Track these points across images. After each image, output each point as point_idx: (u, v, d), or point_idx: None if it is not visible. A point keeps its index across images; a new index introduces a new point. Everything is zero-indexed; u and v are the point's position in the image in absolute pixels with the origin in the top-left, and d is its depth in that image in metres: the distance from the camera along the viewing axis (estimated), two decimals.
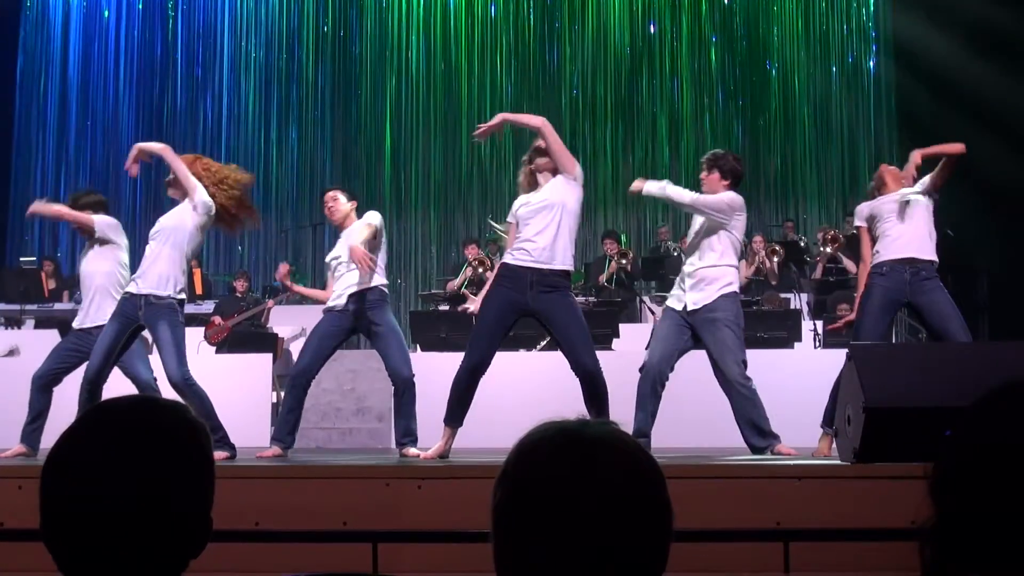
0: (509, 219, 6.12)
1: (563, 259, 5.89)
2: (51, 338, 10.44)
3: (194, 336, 10.11)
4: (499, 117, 6.19)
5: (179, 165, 6.22)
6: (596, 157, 16.18)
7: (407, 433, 6.35)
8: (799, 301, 11.72)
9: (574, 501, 1.31)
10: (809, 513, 4.21)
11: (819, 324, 10.40)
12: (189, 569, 1.51)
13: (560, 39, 16.87)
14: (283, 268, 7.60)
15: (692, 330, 6.21)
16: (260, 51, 17.09)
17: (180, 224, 6.20)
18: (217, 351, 10.83)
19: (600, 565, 1.30)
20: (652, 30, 16.84)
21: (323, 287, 7.20)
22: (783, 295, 11.71)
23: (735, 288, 6.27)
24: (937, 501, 1.34)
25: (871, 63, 16.44)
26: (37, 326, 11.71)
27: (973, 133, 12.29)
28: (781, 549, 4.05)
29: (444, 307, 12.00)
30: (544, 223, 5.87)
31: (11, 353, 10.69)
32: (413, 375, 6.40)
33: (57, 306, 12.35)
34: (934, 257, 6.12)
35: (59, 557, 1.46)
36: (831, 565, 4.07)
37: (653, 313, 11.40)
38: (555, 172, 5.98)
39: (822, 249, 12.10)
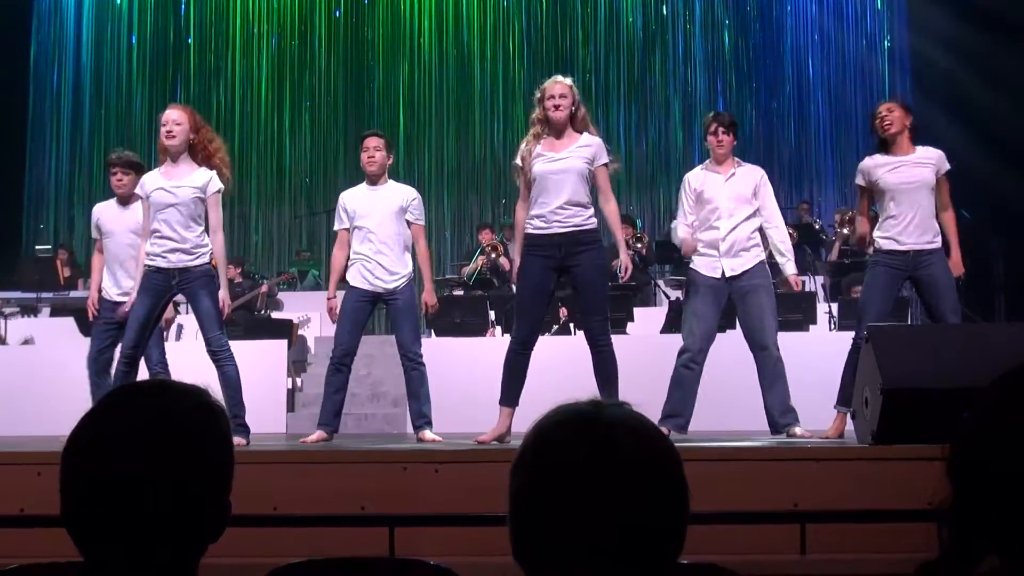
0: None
1: (584, 218, 5.89)
2: (67, 326, 10.51)
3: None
4: None
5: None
6: (609, 140, 16.00)
7: (420, 416, 6.34)
8: (814, 283, 11.68)
9: (591, 485, 1.31)
10: (826, 495, 4.20)
11: (834, 306, 10.37)
12: (208, 553, 1.52)
13: (573, 22, 16.83)
14: None
15: (728, 299, 6.20)
16: (272, 37, 17.09)
17: (202, 199, 6.09)
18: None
19: (617, 548, 1.30)
20: (665, 12, 16.78)
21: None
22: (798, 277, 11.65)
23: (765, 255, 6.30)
24: (954, 482, 1.34)
25: (886, 44, 16.36)
26: (53, 314, 11.76)
27: (988, 114, 12.23)
28: (798, 531, 4.05)
29: (458, 292, 12.01)
30: (560, 187, 5.86)
31: (26, 342, 10.74)
32: (421, 354, 6.40)
33: (72, 294, 12.39)
34: (939, 244, 5.99)
35: (80, 541, 1.46)
36: (848, 546, 4.06)
37: (668, 297, 11.38)
38: (571, 122, 5.96)
39: (839, 231, 12.05)
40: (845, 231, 11.83)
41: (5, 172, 15.65)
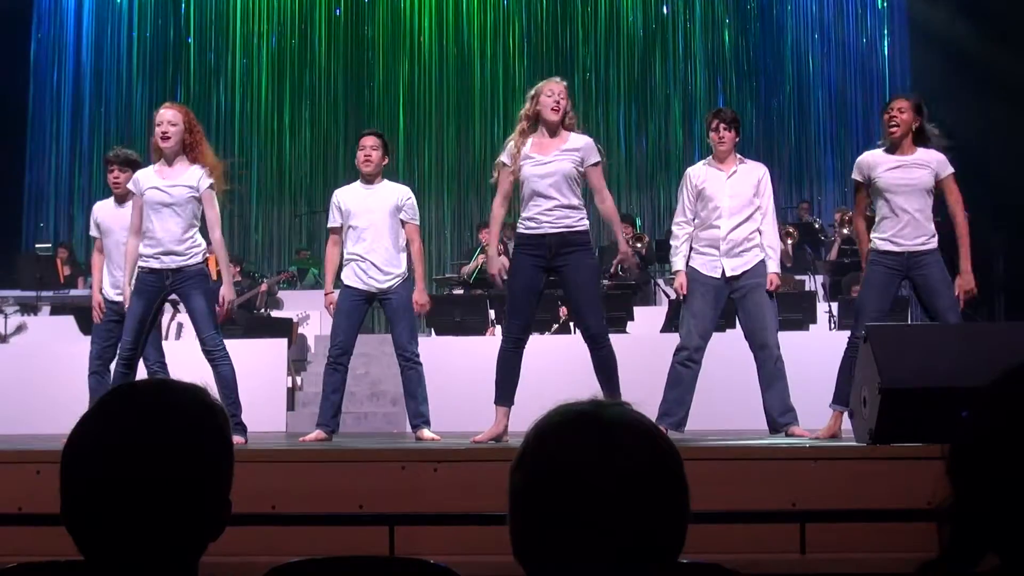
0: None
1: (574, 220, 5.85)
2: (67, 324, 10.50)
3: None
4: None
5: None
6: (609, 140, 16.13)
7: (417, 415, 6.33)
8: (814, 283, 11.69)
9: (592, 484, 1.31)
10: (825, 494, 4.20)
11: (834, 306, 10.37)
12: (208, 551, 1.51)
13: (573, 21, 16.82)
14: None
15: (728, 299, 6.18)
16: (272, 36, 17.08)
17: (190, 195, 6.05)
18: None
19: (618, 547, 1.30)
20: (665, 11, 16.78)
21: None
22: (798, 277, 11.67)
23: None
24: (954, 481, 1.34)
25: (885, 43, 16.36)
26: (53, 312, 11.75)
27: (988, 113, 12.23)
28: (797, 530, 4.05)
29: (458, 291, 12.00)
30: (549, 189, 5.83)
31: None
32: (417, 353, 6.40)
33: (72, 292, 12.39)
34: (933, 244, 5.91)
35: (80, 540, 1.46)
36: (847, 546, 4.06)
37: (668, 296, 11.38)
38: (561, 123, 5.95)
39: (839, 230, 12.05)
40: (845, 231, 11.82)
41: (5, 170, 15.64)
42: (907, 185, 5.92)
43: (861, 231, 6.18)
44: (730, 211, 6.20)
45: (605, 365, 5.79)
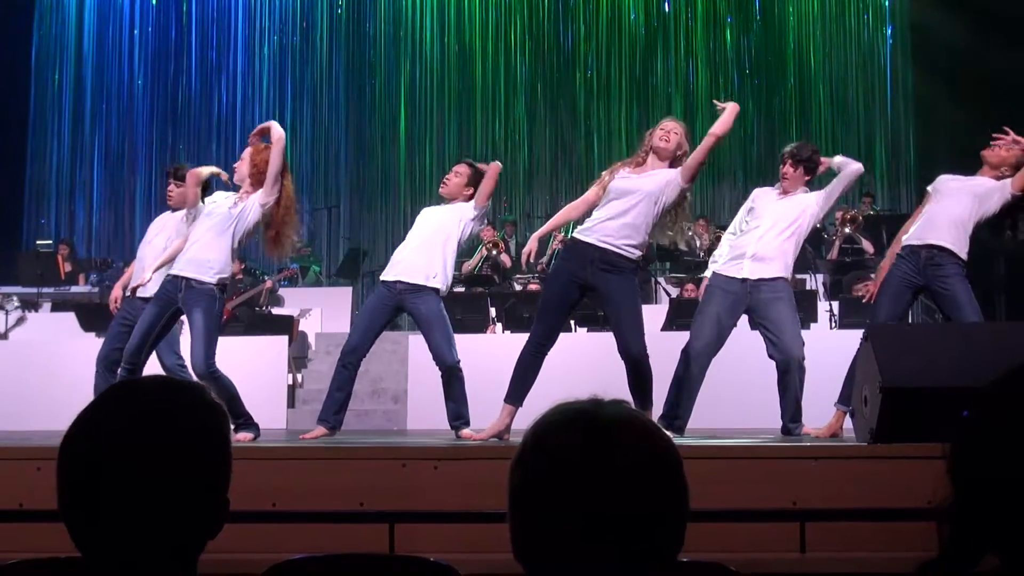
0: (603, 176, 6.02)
1: (627, 244, 5.73)
2: (67, 321, 10.51)
3: None
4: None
5: (278, 159, 6.09)
6: (611, 138, 16.14)
7: (457, 417, 6.26)
8: (815, 282, 11.67)
9: (591, 482, 1.31)
10: (826, 493, 4.20)
11: (835, 305, 10.36)
12: (207, 549, 1.52)
13: (575, 19, 16.82)
14: None
15: (745, 306, 6.13)
16: (274, 34, 17.09)
17: (240, 214, 6.07)
18: (221, 335, 10.82)
19: (617, 546, 1.30)
20: (667, 9, 16.78)
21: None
22: (798, 276, 11.65)
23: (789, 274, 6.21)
24: (955, 481, 1.34)
25: (887, 42, 16.35)
26: (54, 309, 11.77)
27: (989, 113, 12.21)
28: (797, 529, 4.05)
29: (459, 289, 11.99)
30: (623, 205, 5.78)
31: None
32: (458, 361, 6.32)
33: (73, 289, 12.40)
34: (953, 247, 5.85)
35: (77, 536, 1.46)
36: (847, 545, 4.06)
37: (668, 294, 11.37)
38: (670, 162, 5.87)
39: (840, 229, 12.04)
40: (846, 230, 11.82)
41: (6, 166, 15.64)
42: (957, 189, 5.91)
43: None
44: (758, 216, 6.18)
45: (641, 385, 5.72)
